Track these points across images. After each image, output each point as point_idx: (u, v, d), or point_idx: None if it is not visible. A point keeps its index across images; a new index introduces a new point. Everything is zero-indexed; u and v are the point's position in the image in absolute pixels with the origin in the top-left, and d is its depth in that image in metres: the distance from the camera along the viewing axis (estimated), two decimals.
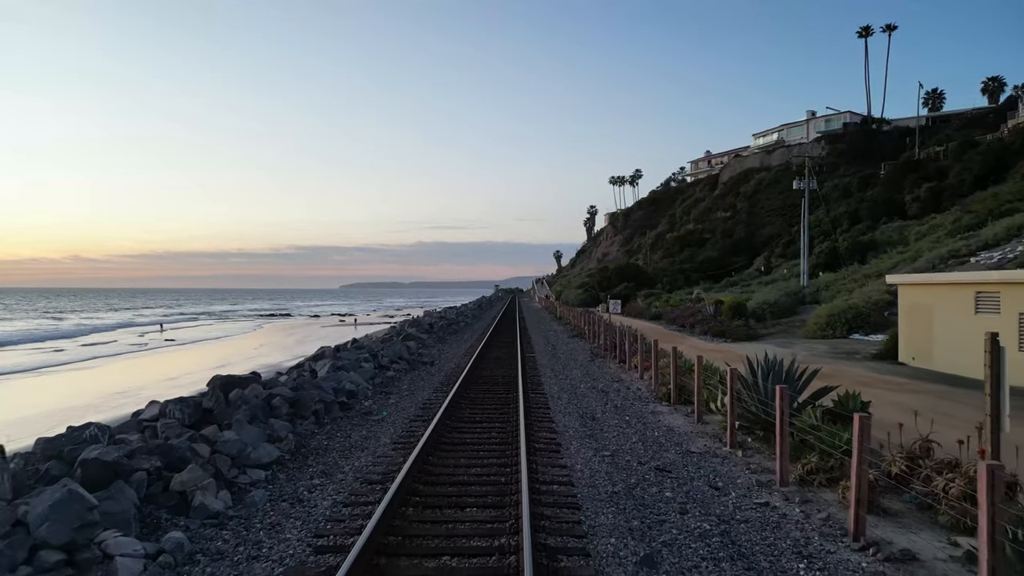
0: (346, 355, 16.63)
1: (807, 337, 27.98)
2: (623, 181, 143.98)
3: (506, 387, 15.21)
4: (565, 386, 15.91)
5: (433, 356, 22.48)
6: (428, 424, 10.51)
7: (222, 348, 40.50)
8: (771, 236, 75.72)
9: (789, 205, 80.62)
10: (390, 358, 17.75)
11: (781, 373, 10.38)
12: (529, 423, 10.75)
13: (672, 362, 13.85)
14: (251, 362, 28.81)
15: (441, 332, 30.98)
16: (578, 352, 24.92)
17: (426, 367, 19.23)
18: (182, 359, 33.29)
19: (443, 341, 29.12)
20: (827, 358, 22.25)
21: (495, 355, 22.56)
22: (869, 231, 56.24)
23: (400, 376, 16.85)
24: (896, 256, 42.72)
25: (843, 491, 7.41)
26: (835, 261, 50.61)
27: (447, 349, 25.67)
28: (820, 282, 43.99)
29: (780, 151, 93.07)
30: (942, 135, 75.24)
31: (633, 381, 17.03)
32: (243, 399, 9.52)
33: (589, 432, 10.79)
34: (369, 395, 13.72)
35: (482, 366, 19.13)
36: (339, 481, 7.76)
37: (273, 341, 45.76)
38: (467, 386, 14.99)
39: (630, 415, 12.48)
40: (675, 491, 7.78)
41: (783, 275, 56.60)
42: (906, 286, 21.39)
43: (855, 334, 27.09)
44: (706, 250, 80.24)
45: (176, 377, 24.19)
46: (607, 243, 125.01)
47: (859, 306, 27.84)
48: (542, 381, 16.52)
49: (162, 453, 6.94)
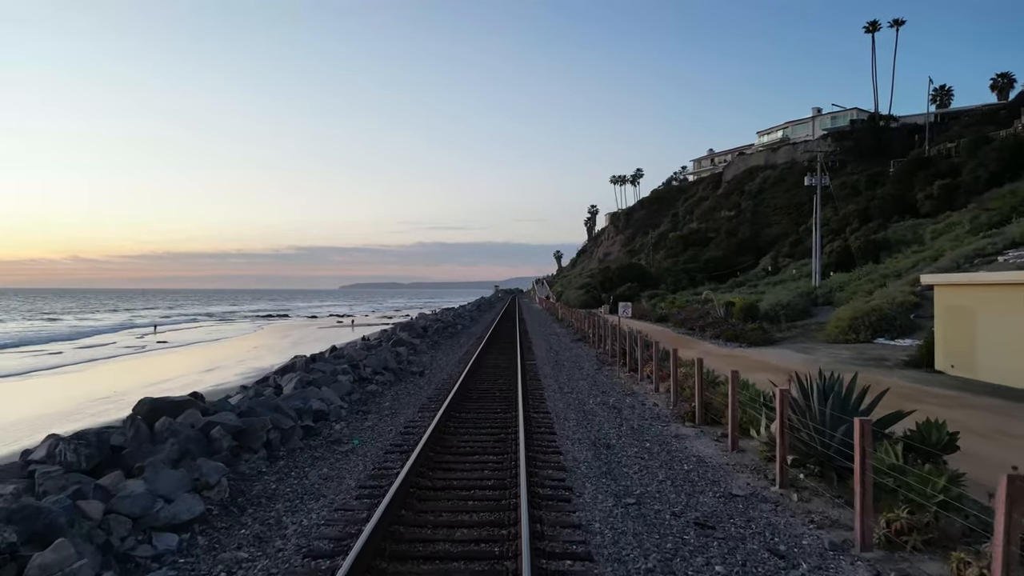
0: (321, 366, 14.57)
1: (828, 341, 26.04)
2: (624, 180, 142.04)
3: (504, 404, 13.23)
4: (572, 402, 13.93)
5: (424, 364, 20.46)
6: (407, 458, 8.53)
7: (215, 350, 39.46)
8: (777, 235, 73.84)
9: (795, 204, 78.72)
10: (373, 368, 15.71)
11: (842, 395, 8.41)
12: (531, 456, 8.78)
13: (697, 376, 11.88)
14: (243, 365, 27.36)
15: (435, 336, 28.98)
16: (583, 359, 22.96)
17: (414, 378, 17.20)
18: (173, 362, 32.27)
19: (437, 347, 27.11)
20: (855, 366, 20.29)
21: (492, 363, 20.60)
22: (881, 229, 54.31)
23: (383, 390, 14.87)
24: (912, 255, 40.80)
25: (958, 566, 5.47)
26: (847, 260, 48.73)
27: (440, 356, 23.67)
28: (833, 282, 42.08)
29: (785, 149, 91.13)
30: (952, 132, 73.40)
31: (647, 395, 15.06)
32: (172, 430, 7.52)
33: (605, 467, 8.82)
34: (342, 415, 11.68)
35: (478, 376, 17.16)
36: (275, 553, 5.71)
37: (268, 343, 44.71)
38: (459, 403, 13.01)
39: (651, 440, 10.53)
40: (727, 563, 5.81)
41: (792, 275, 54.70)
42: (944, 287, 19.43)
43: (880, 338, 25.15)
44: (710, 250, 78.31)
45: (163, 381, 23.24)
46: (608, 243, 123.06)
47: (883, 308, 25.89)
48: (545, 396, 14.54)
49: (24, 520, 5.00)
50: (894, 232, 51.61)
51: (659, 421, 12.18)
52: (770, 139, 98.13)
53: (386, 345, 21.27)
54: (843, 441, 7.93)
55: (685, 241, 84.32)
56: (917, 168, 63.29)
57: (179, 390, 21.69)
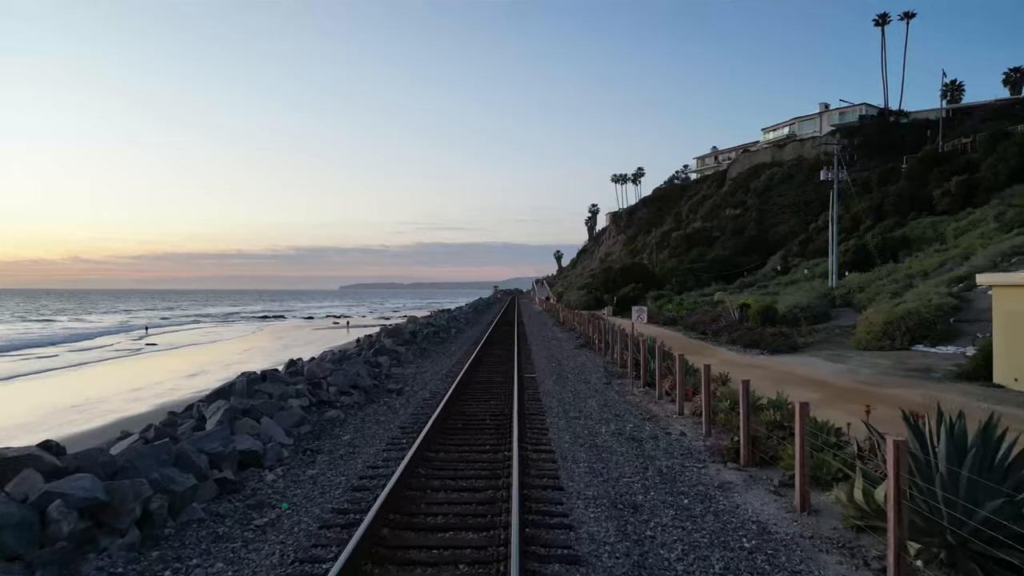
0: (269, 387, 11.50)
1: (858, 348, 23.42)
2: (625, 179, 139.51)
3: (495, 437, 10.55)
4: (580, 432, 11.24)
5: (405, 379, 17.66)
6: (348, 539, 5.88)
7: (204, 354, 38.06)
8: (785, 234, 71.32)
9: (803, 202, 76.16)
10: (339, 387, 12.86)
11: (986, 452, 5.73)
12: (529, 535, 6.13)
13: (742, 401, 9.22)
14: (229, 369, 26.59)
15: (425, 343, 26.23)
16: (589, 369, 20.30)
17: (390, 398, 14.40)
18: (158, 367, 31.02)
19: (425, 355, 24.35)
20: (899, 377, 17.68)
21: (485, 376, 17.94)
22: (897, 227, 51.80)
23: (347, 417, 12.04)
24: (935, 254, 38.28)
25: None
26: (864, 259, 46.16)
27: (427, 367, 20.94)
28: (851, 283, 39.50)
29: (792, 145, 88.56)
30: (966, 127, 70.95)
31: (670, 420, 12.40)
32: None
33: (637, 551, 6.14)
34: (283, 457, 8.85)
35: (466, 394, 14.51)
36: None
37: (259, 346, 43.09)
38: (437, 437, 10.33)
39: (689, 494, 7.87)
40: None
41: (803, 275, 52.11)
42: (1006, 288, 16.78)
43: (918, 345, 22.54)
44: (716, 249, 75.76)
45: (143, 387, 22.30)
46: (610, 242, 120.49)
47: (920, 312, 23.26)
48: (547, 424, 11.85)
49: None
50: (912, 229, 49.11)
51: (692, 460, 9.54)
52: (776, 136, 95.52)
53: (365, 355, 18.56)
54: (988, 520, 5.32)
55: (689, 240, 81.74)
56: (932, 164, 60.86)
57: (154, 398, 19.64)
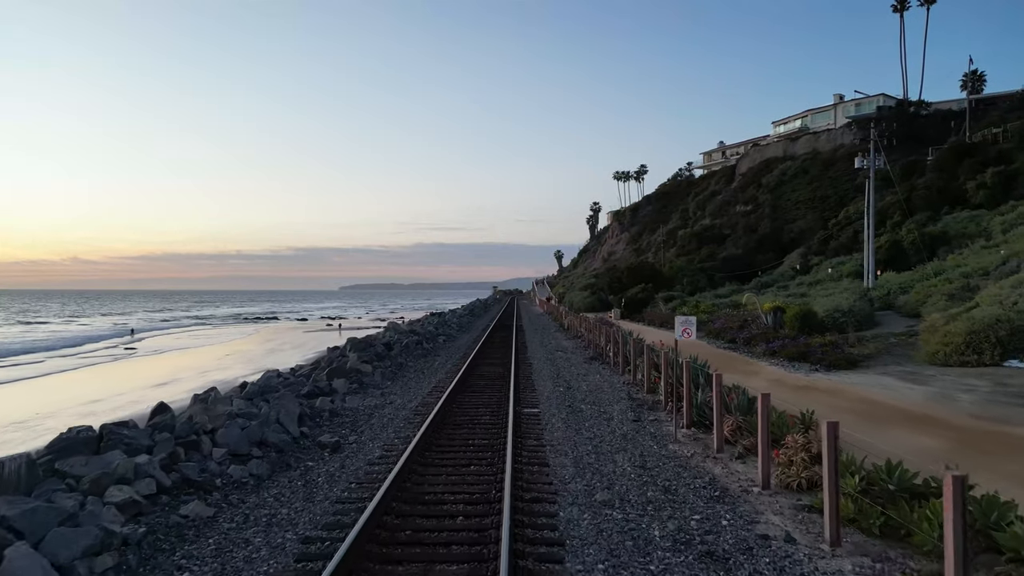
0: (82, 470, 6.66)
1: (932, 363, 19.06)
2: (628, 176, 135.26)
3: (470, 547, 6.24)
4: (615, 538, 6.82)
5: (356, 419, 12.98)
6: None
7: (183, 359, 36.31)
8: (802, 231, 66.92)
9: (820, 197, 71.76)
10: (231, 447, 7.82)
11: None
12: None
13: None
14: (203, 378, 24.84)
15: (403, 356, 21.69)
16: (608, 397, 15.91)
17: (316, 462, 9.52)
18: (131, 374, 29.48)
19: (398, 375, 19.57)
20: (1018, 407, 13.34)
21: (471, 408, 13.60)
22: (930, 222, 47.56)
23: (216, 514, 7.12)
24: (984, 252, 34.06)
25: None
26: (898, 257, 41.91)
27: (396, 394, 16.17)
28: (888, 283, 35.24)
29: (806, 138, 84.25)
30: (991, 117, 66.74)
31: (751, 497, 8.02)
32: None
33: None
34: None
35: (436, 448, 10.15)
36: None
37: (245, 350, 41.41)
38: (365, 567, 5.98)
39: None
40: None
41: (828, 274, 47.77)
42: None
43: (1012, 360, 18.22)
44: (727, 247, 71.43)
45: (103, 399, 20.92)
46: (613, 241, 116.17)
47: (1012, 319, 18.94)
48: (558, 517, 7.45)
49: None
50: (951, 224, 44.83)
51: None
52: (787, 129, 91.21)
53: (316, 376, 14.12)
54: None
55: (699, 238, 77.40)
56: (961, 155, 56.64)
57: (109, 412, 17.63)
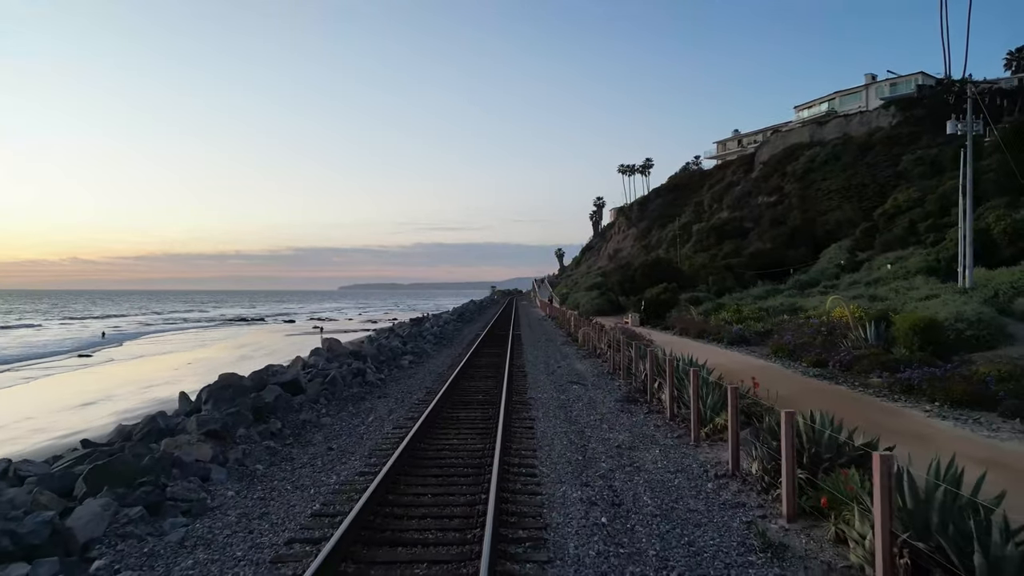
0: None
1: None
2: (633, 170, 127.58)
3: None
4: None
5: (243, 516, 5.98)
6: None
7: (134, 369, 33.30)
8: (839, 223, 59.09)
9: (856, 185, 63.59)
10: None
11: None
12: None
13: None
14: (140, 396, 22.73)
15: (308, 410, 13.59)
16: (670, 473, 8.09)
17: None
18: (61, 390, 26.28)
19: (348, 408, 12.17)
20: None
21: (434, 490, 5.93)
22: (1011, 208, 39.73)
23: None
24: None
25: None
26: (989, 249, 34.08)
27: (336, 449, 8.86)
28: (992, 282, 27.41)
29: (836, 122, 76.41)
30: None
31: None
32: None
33: None
34: None
35: None
36: None
37: (212, 357, 38.48)
38: None
39: None
40: None
41: (888, 272, 39.90)
42: None
43: None
44: (753, 242, 63.64)
45: None
46: (619, 237, 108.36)
47: None
48: None
49: None
50: None
51: None
52: (812, 113, 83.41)
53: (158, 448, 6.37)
54: None
55: (718, 233, 69.63)
56: None
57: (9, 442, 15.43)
